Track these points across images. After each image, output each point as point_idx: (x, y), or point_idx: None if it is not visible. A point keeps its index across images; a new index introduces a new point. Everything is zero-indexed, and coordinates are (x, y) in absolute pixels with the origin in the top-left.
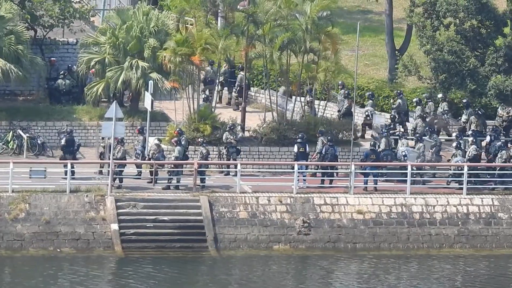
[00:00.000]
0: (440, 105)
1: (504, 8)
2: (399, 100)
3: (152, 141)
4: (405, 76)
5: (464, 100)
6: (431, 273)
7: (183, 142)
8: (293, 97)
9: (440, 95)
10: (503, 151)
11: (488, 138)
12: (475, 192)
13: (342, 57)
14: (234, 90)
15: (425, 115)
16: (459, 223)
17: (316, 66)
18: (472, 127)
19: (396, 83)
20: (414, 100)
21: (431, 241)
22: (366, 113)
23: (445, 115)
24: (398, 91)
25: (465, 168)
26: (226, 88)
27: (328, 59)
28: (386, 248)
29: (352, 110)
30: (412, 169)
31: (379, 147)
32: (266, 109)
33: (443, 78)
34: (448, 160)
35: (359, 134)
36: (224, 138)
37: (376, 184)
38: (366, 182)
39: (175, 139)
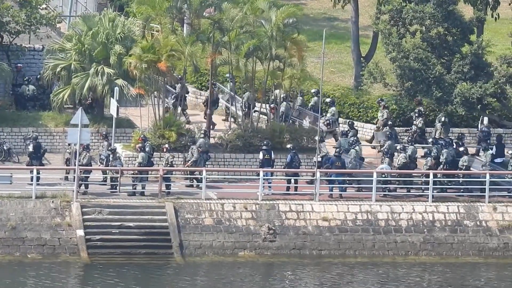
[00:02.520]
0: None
1: (470, 15)
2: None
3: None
4: (371, 83)
5: (419, 109)
6: (397, 281)
7: (147, 149)
8: (259, 104)
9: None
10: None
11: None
12: (441, 200)
13: (308, 64)
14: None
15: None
16: (425, 230)
17: (281, 73)
18: (436, 134)
19: (362, 90)
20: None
21: (397, 248)
22: (328, 120)
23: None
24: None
25: (431, 176)
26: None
27: (293, 66)
28: (352, 255)
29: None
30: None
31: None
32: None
33: (409, 86)
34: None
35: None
36: (201, 144)
37: (343, 191)
38: (331, 189)
39: (139, 145)
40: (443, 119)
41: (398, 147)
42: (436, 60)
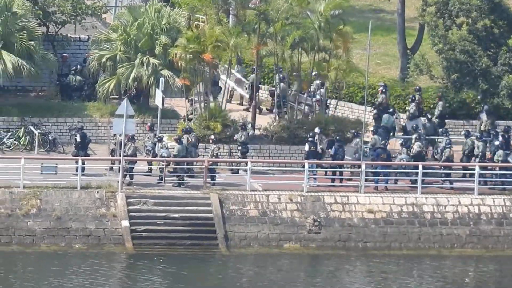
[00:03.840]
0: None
1: None
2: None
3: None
4: (417, 75)
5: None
6: (442, 273)
7: (192, 140)
8: (304, 96)
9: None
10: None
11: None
12: (487, 192)
13: (354, 56)
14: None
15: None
16: (471, 223)
17: (327, 65)
18: (482, 127)
19: (408, 82)
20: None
21: (442, 241)
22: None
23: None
24: (382, 84)
25: (477, 168)
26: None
27: (339, 57)
28: (397, 248)
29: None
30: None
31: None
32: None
33: (455, 78)
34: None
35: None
36: (239, 136)
37: (387, 183)
38: (377, 181)
39: (176, 137)
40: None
41: (414, 136)
42: (482, 53)
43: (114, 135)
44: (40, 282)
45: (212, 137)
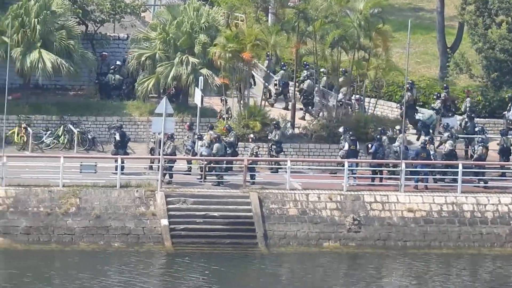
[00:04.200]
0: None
1: None
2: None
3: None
4: (456, 74)
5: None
6: (482, 272)
7: (231, 139)
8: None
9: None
10: None
11: None
12: None
13: (393, 55)
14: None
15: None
16: (511, 222)
17: (367, 63)
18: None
19: (447, 81)
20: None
21: (482, 240)
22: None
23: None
24: (410, 81)
25: None
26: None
27: (379, 56)
28: (437, 247)
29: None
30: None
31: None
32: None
33: (495, 77)
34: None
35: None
36: (273, 135)
37: (427, 182)
38: (416, 181)
39: (214, 136)
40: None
41: (445, 134)
42: None
43: (153, 133)
44: (79, 281)
45: (252, 135)
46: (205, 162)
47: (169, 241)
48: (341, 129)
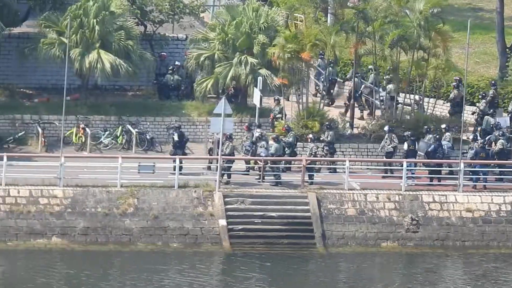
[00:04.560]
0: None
1: None
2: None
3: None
4: None
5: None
6: None
7: (290, 139)
8: (403, 95)
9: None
10: None
11: None
12: None
13: (452, 55)
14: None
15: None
16: None
17: (426, 64)
18: None
19: (507, 81)
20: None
21: None
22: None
23: None
24: (457, 78)
25: None
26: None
27: (438, 56)
28: (495, 247)
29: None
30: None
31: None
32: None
33: None
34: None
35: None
36: (325, 136)
37: (486, 182)
38: (475, 180)
39: (274, 135)
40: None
41: (496, 133)
42: None
43: (212, 134)
44: (137, 281)
45: (310, 136)
46: (263, 163)
47: (227, 242)
48: (386, 128)
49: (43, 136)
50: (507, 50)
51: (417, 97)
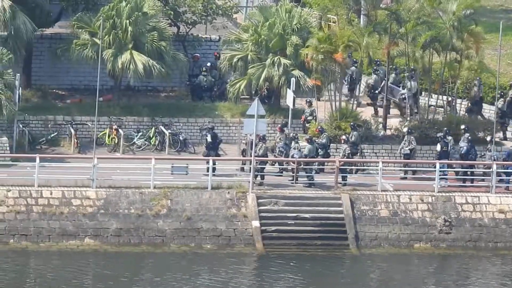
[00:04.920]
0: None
1: None
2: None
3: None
4: None
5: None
6: None
7: (323, 140)
8: (435, 96)
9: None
10: None
11: None
12: None
13: (485, 56)
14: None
15: None
16: None
17: (458, 65)
18: None
19: None
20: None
21: None
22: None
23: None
24: (478, 78)
25: None
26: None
27: (470, 58)
28: None
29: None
30: None
31: None
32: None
33: None
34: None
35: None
36: (350, 136)
37: None
38: (508, 182)
39: (307, 137)
40: None
41: None
42: None
43: (245, 135)
44: (171, 282)
45: (344, 137)
46: (296, 164)
47: (260, 243)
48: (405, 130)
49: (76, 137)
50: None
51: (449, 98)
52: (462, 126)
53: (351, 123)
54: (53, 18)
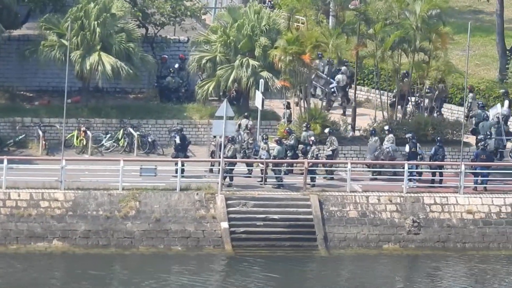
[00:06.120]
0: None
1: None
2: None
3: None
4: None
5: (502, 90)
6: None
7: (292, 142)
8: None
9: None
10: None
11: None
12: None
13: (453, 57)
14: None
15: None
16: None
17: (426, 66)
18: None
19: (507, 83)
20: None
21: None
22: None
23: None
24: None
25: None
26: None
27: (438, 58)
28: (495, 248)
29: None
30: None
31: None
32: (376, 108)
33: None
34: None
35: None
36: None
37: (486, 184)
38: (476, 182)
39: (276, 138)
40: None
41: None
42: None
43: (214, 136)
44: (139, 285)
45: (312, 138)
46: (265, 165)
47: (229, 244)
48: (326, 130)
49: (44, 139)
50: (507, 52)
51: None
52: (386, 127)
53: (304, 124)
54: (20, 20)
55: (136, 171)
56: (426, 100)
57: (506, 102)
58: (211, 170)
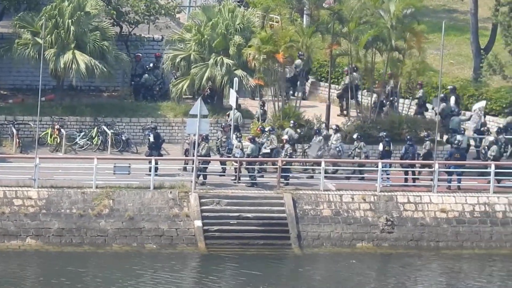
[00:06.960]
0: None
1: None
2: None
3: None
4: (490, 75)
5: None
6: None
7: (265, 140)
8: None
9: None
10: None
11: None
12: None
13: (427, 56)
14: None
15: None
16: None
17: (401, 64)
18: None
19: (481, 82)
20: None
21: None
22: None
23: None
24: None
25: None
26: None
27: (413, 57)
28: (469, 247)
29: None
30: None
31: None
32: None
33: None
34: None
35: None
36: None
37: (460, 183)
38: (449, 181)
39: (250, 136)
40: None
41: (490, 139)
42: None
43: (188, 134)
44: (113, 283)
45: (286, 137)
46: (239, 163)
47: (203, 243)
48: (267, 129)
49: (18, 137)
50: (481, 51)
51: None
52: (334, 126)
53: (291, 122)
54: None
55: (110, 169)
56: (374, 95)
57: (453, 98)
58: (185, 169)
